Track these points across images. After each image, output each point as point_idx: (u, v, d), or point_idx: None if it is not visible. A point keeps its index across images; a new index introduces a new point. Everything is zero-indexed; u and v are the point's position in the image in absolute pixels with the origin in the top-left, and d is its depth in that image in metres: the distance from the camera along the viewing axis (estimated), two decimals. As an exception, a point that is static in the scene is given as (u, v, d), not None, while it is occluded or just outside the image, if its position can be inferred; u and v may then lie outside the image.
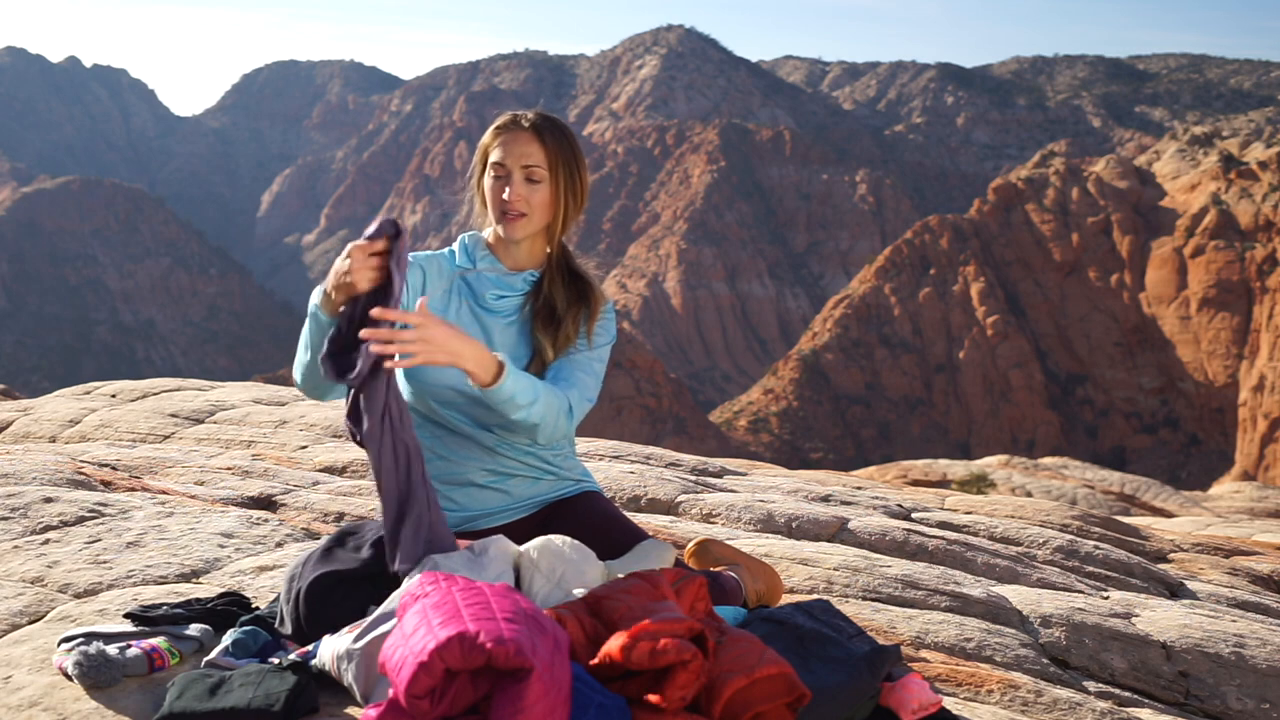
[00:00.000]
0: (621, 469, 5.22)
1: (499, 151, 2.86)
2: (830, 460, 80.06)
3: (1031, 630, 3.42)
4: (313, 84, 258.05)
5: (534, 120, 2.86)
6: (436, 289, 2.91)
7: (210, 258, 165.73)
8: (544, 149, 2.84)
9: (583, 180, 2.91)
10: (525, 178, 2.83)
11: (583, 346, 2.92)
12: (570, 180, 2.87)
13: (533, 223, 2.87)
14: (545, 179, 2.85)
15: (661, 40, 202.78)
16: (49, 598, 2.81)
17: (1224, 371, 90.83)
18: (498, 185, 2.86)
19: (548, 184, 2.85)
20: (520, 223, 2.85)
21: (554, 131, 2.87)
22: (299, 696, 2.18)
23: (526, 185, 2.84)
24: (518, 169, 2.83)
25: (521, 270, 2.96)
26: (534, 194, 2.84)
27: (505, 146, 2.85)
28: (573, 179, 2.88)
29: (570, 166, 2.87)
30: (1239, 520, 14.36)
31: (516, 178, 2.83)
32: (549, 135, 2.85)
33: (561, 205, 2.88)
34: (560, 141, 2.86)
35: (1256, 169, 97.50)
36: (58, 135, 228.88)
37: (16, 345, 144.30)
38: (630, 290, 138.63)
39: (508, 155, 2.84)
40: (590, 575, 2.55)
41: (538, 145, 2.84)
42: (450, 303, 2.91)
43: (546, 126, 2.86)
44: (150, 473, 4.54)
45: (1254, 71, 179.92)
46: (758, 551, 3.85)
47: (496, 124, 2.90)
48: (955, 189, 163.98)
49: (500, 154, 2.85)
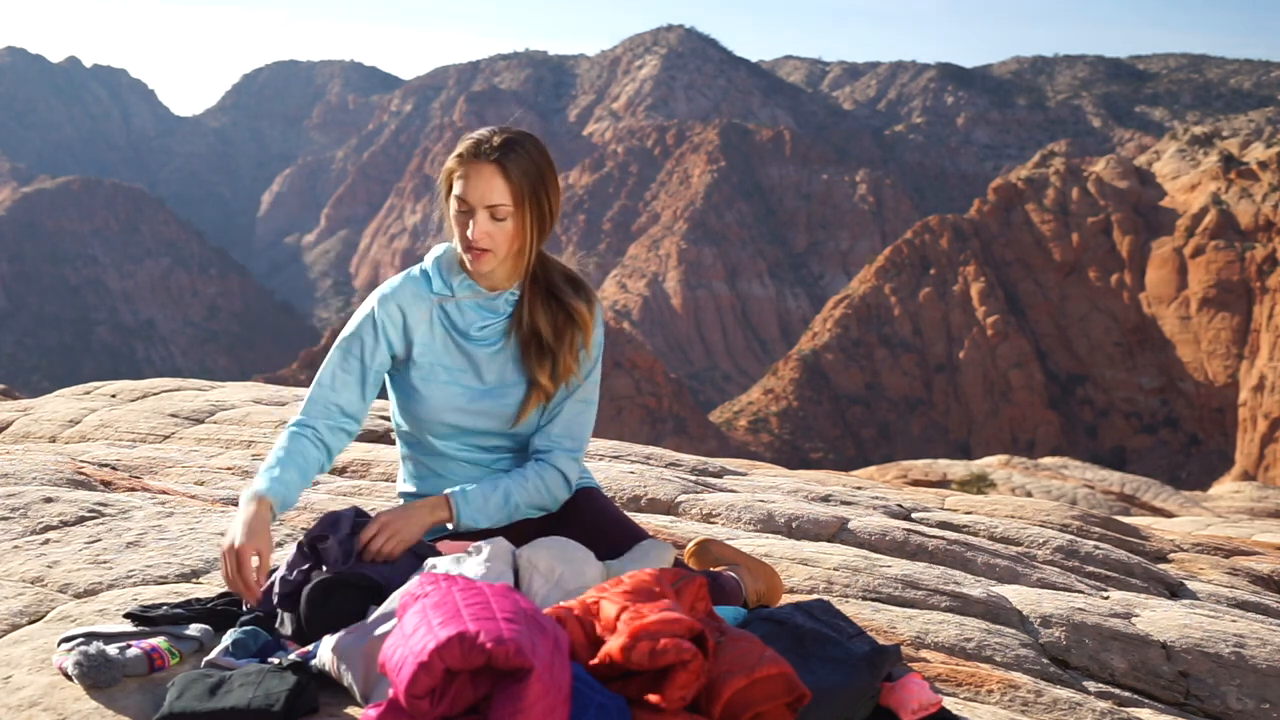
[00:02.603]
0: (621, 469, 5.22)
1: (461, 185, 2.70)
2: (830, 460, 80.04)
3: (1031, 630, 3.42)
4: (313, 84, 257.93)
5: (498, 151, 2.68)
6: (419, 325, 2.83)
7: (210, 258, 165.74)
8: (509, 184, 2.68)
9: (553, 204, 2.76)
10: (490, 216, 2.69)
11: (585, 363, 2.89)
12: (538, 209, 2.72)
13: (498, 256, 2.75)
14: (511, 214, 2.70)
15: (661, 40, 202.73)
16: (49, 598, 2.81)
17: (1224, 371, 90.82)
18: (461, 219, 2.72)
19: (513, 219, 2.71)
20: (486, 257, 2.73)
21: (519, 160, 2.69)
22: (299, 696, 2.18)
23: (491, 223, 2.70)
24: (481, 207, 2.68)
25: (500, 290, 2.85)
26: (499, 230, 2.70)
27: (468, 181, 2.69)
28: (541, 207, 2.73)
29: (537, 194, 2.71)
30: (1239, 520, 14.36)
31: (481, 216, 2.69)
32: (514, 167, 2.68)
33: (529, 233, 2.74)
34: (526, 170, 2.69)
35: (1256, 169, 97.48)
36: (58, 135, 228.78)
37: (16, 345, 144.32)
38: (630, 290, 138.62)
39: (469, 191, 2.69)
40: (590, 575, 2.55)
41: (501, 180, 2.67)
42: (434, 337, 2.84)
43: (511, 157, 2.68)
44: (150, 473, 4.54)
45: (1254, 71, 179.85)
46: (758, 551, 3.85)
47: (459, 149, 2.73)
48: (955, 189, 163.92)
49: (463, 188, 2.70)
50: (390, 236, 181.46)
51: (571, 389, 2.88)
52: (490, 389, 2.85)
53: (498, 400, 2.84)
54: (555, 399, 2.87)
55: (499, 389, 2.85)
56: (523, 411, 2.85)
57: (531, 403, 2.84)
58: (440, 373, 2.84)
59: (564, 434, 2.88)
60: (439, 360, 2.84)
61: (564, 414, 2.88)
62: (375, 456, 5.04)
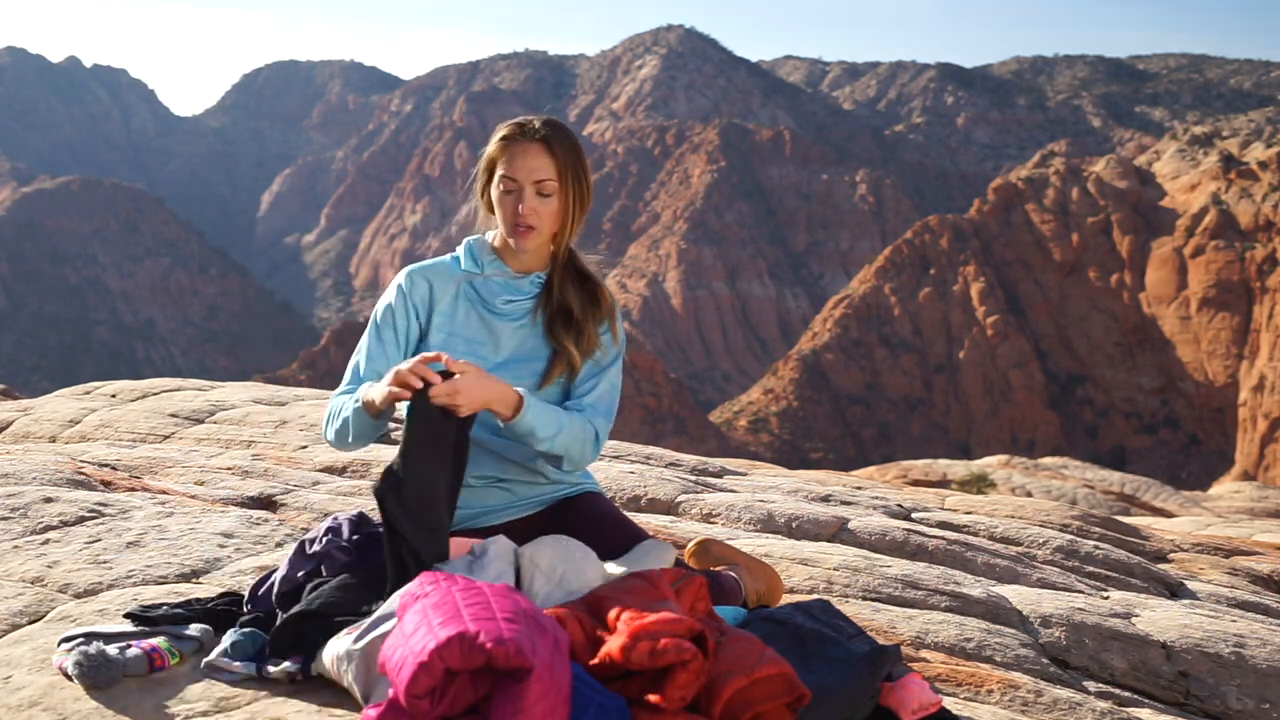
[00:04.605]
0: (621, 469, 5.22)
1: (508, 164, 2.82)
2: (830, 460, 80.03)
3: (1031, 630, 3.42)
4: (313, 84, 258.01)
5: (542, 131, 2.82)
6: (443, 298, 2.92)
7: (210, 258, 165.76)
8: (554, 161, 2.81)
9: (589, 185, 2.91)
10: (537, 191, 2.81)
11: (609, 345, 2.95)
12: (579, 189, 2.86)
13: (542, 234, 2.86)
14: (556, 191, 2.83)
15: (661, 40, 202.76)
16: (49, 598, 2.81)
17: (1224, 371, 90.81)
18: (508, 199, 2.84)
19: (558, 195, 2.84)
20: (531, 235, 2.85)
21: (562, 141, 2.84)
22: None
23: (538, 199, 2.82)
24: (529, 184, 2.81)
25: (528, 273, 2.96)
26: (545, 206, 2.83)
27: (514, 160, 2.81)
28: (581, 187, 2.86)
29: (578, 174, 2.85)
30: (1239, 520, 14.37)
31: (528, 192, 2.81)
32: (558, 146, 2.82)
33: (570, 213, 2.87)
34: (569, 151, 2.84)
35: (1256, 169, 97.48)
36: (58, 135, 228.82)
37: (16, 345, 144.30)
38: (630, 290, 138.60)
39: (518, 169, 2.81)
40: (590, 575, 2.55)
41: (548, 158, 2.81)
42: (457, 309, 2.92)
43: (555, 137, 2.83)
44: (150, 473, 4.54)
45: (1254, 71, 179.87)
46: (758, 551, 3.85)
47: (503, 134, 2.86)
48: (955, 189, 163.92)
49: (510, 167, 2.82)
50: (390, 236, 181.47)
51: (599, 364, 2.94)
52: (505, 362, 2.89)
53: (511, 373, 2.88)
54: (581, 375, 2.93)
55: (513, 362, 2.90)
56: (547, 377, 2.90)
57: (556, 370, 2.90)
58: (459, 343, 2.89)
59: (597, 403, 2.92)
60: (459, 331, 2.90)
61: (598, 388, 2.94)
62: (375, 456, 5.03)
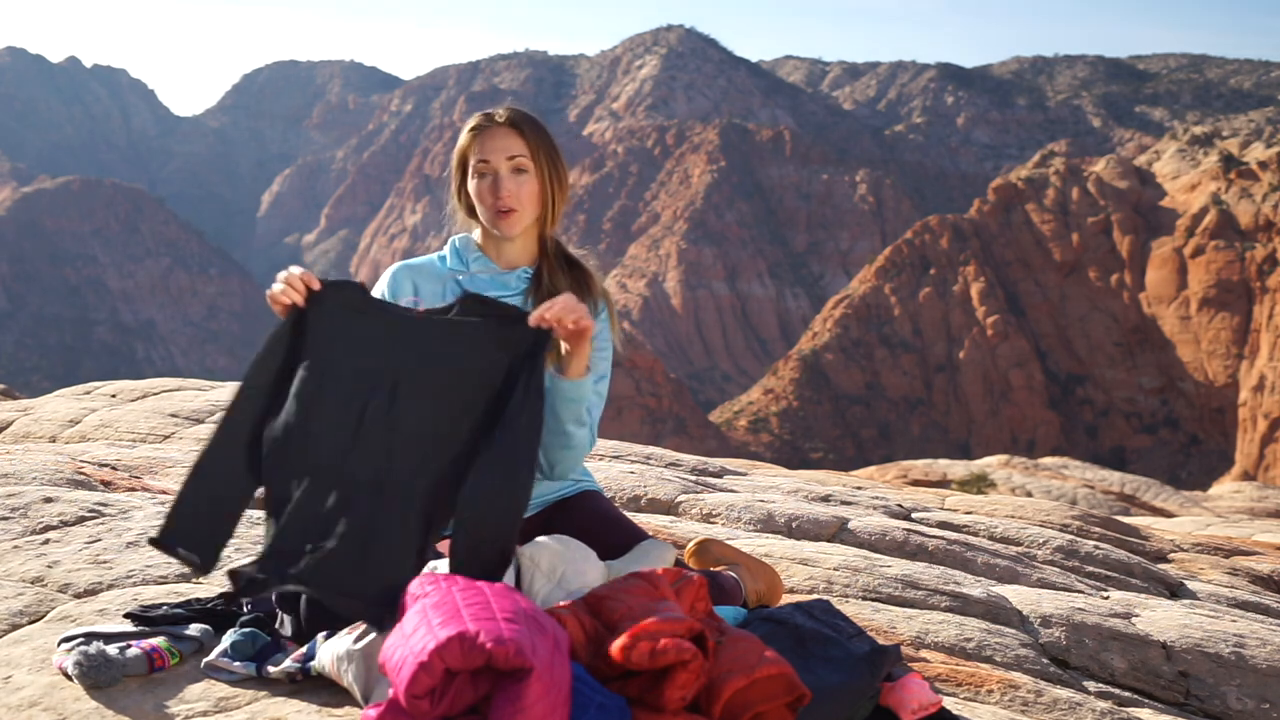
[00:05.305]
0: (621, 469, 5.22)
1: (479, 150, 2.85)
2: (830, 460, 79.99)
3: (1031, 630, 3.42)
4: (313, 84, 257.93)
5: (508, 115, 2.86)
6: (431, 296, 2.90)
7: (210, 258, 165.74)
8: (525, 141, 2.84)
9: (564, 168, 2.92)
10: (512, 169, 2.83)
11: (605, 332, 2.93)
12: (554, 168, 2.88)
13: (525, 217, 2.86)
14: (531, 169, 2.84)
15: (661, 40, 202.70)
16: (49, 598, 2.81)
17: (1224, 371, 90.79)
18: (486, 185, 2.84)
19: (534, 174, 2.85)
20: (513, 218, 2.85)
21: (529, 123, 2.87)
22: None
23: (514, 178, 2.83)
24: (503, 163, 2.83)
25: (515, 268, 2.95)
26: (523, 186, 2.84)
27: (485, 144, 2.84)
28: (556, 167, 2.88)
29: (551, 154, 2.87)
30: (1239, 520, 14.36)
31: (504, 172, 2.83)
32: (527, 127, 2.85)
33: (549, 195, 2.88)
34: (538, 132, 2.87)
35: (1256, 169, 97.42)
36: (58, 135, 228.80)
37: (16, 345, 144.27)
38: (630, 290, 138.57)
39: (489, 151, 2.83)
40: (590, 575, 2.55)
41: (518, 138, 2.83)
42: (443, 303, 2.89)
43: (521, 119, 2.86)
44: (150, 473, 4.54)
45: (1254, 71, 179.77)
46: (758, 551, 3.85)
47: (470, 126, 2.90)
48: (955, 189, 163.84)
49: (482, 151, 2.84)
50: (390, 236, 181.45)
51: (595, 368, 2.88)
52: None
53: None
54: None
55: None
56: None
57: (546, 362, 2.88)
58: None
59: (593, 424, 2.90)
60: None
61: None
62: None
